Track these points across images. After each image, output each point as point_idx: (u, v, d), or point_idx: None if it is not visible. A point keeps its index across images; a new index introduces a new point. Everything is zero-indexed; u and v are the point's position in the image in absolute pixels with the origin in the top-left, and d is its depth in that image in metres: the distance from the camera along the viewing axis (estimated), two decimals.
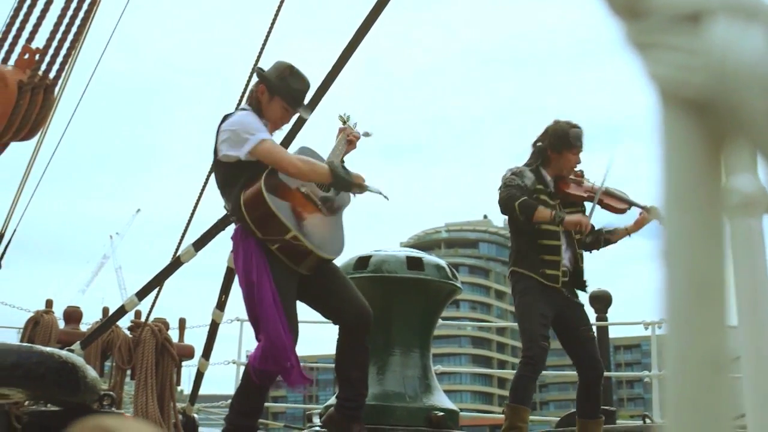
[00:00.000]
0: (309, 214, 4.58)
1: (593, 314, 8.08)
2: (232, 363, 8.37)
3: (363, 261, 5.48)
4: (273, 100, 4.68)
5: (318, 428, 5.07)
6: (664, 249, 0.65)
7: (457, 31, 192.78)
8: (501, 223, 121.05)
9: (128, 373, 5.41)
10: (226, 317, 6.31)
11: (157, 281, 5.15)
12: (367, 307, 4.65)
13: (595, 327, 7.98)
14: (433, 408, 5.27)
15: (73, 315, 5.94)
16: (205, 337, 5.38)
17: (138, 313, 5.59)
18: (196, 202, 5.19)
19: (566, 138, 5.45)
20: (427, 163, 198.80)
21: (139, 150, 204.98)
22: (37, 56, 3.55)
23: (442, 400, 5.43)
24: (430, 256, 5.71)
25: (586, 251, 5.60)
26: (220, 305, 5.26)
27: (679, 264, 0.64)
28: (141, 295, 5.16)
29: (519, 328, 5.36)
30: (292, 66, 4.74)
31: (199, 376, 5.50)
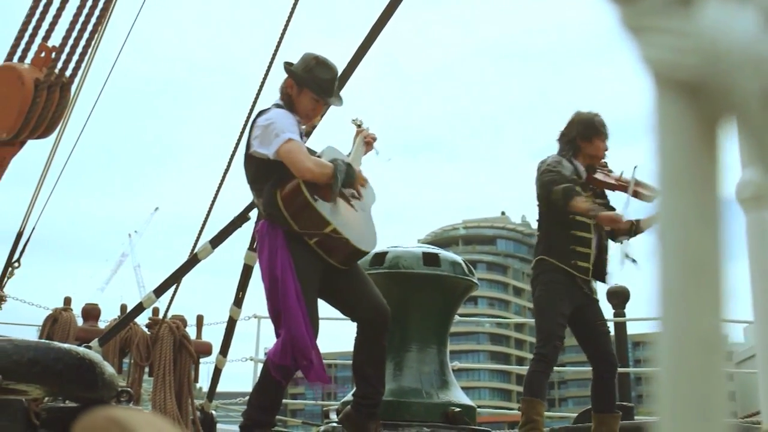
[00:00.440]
0: (344, 210, 4.63)
1: (611, 310, 8.05)
2: (250, 360, 8.38)
3: (379, 257, 5.48)
4: (302, 92, 4.69)
5: (335, 424, 5.08)
6: (659, 230, 0.66)
7: (473, 28, 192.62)
8: (518, 220, 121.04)
9: (146, 370, 5.43)
10: (244, 314, 6.33)
11: (175, 278, 5.17)
12: (386, 305, 4.68)
13: (613, 323, 7.97)
14: (450, 404, 5.27)
15: (91, 312, 5.97)
16: (223, 334, 5.40)
17: (156, 310, 5.60)
18: (213, 200, 5.20)
19: (593, 125, 5.43)
20: (444, 159, 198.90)
21: (155, 148, 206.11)
22: (53, 54, 3.57)
23: (459, 396, 5.42)
24: (446, 252, 5.71)
25: (615, 241, 5.53)
26: (238, 302, 5.27)
27: (673, 245, 0.65)
28: (159, 292, 5.17)
29: (536, 322, 5.32)
30: (318, 56, 4.75)
31: (217, 372, 5.52)
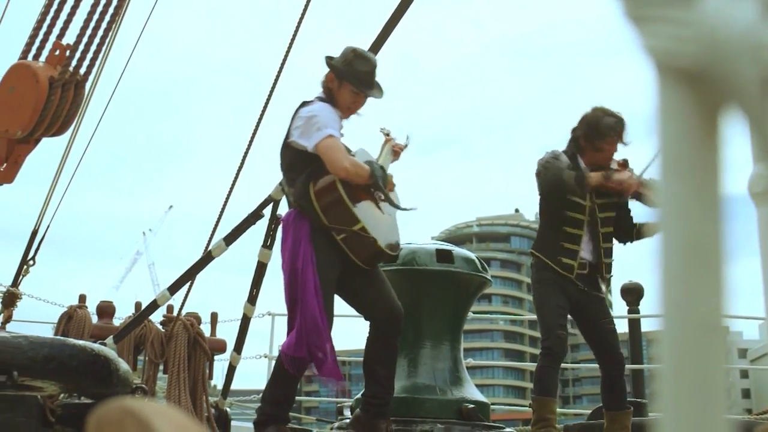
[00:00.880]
0: (373, 211, 4.65)
1: (625, 307, 8.01)
2: (264, 357, 8.40)
3: None
4: (342, 86, 4.71)
5: (348, 421, 5.08)
6: (660, 216, 0.67)
7: (487, 25, 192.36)
8: (532, 217, 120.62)
9: (161, 368, 5.44)
10: (258, 311, 6.33)
11: (189, 276, 5.18)
12: (400, 307, 4.69)
13: (627, 320, 7.94)
14: (464, 400, 5.27)
15: (106, 310, 5.98)
16: (237, 332, 5.40)
17: (170, 308, 5.61)
18: (226, 197, 5.20)
19: (597, 127, 5.23)
20: (458, 156, 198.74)
21: (169, 146, 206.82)
22: (67, 52, 3.58)
23: (472, 392, 5.43)
24: (459, 249, 5.71)
25: (619, 242, 5.47)
26: (252, 299, 5.27)
27: (674, 229, 0.65)
28: (173, 289, 5.18)
29: (537, 318, 5.30)
30: (356, 48, 4.78)
31: (231, 370, 5.52)
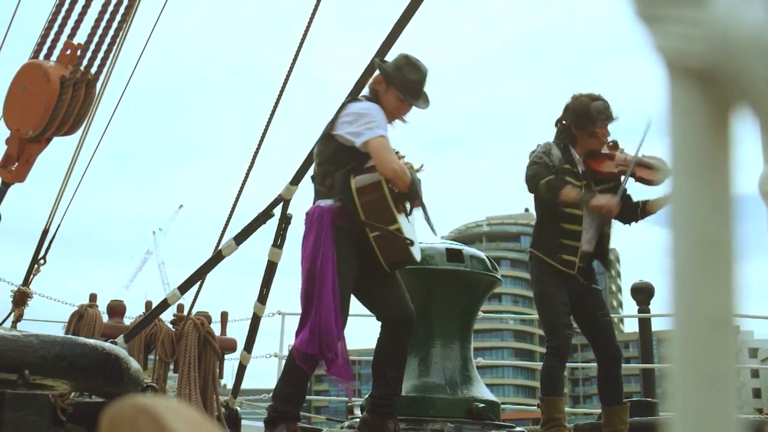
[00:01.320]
0: (403, 216, 4.67)
1: (635, 306, 7.98)
2: (274, 356, 8.41)
3: None
4: (389, 90, 4.72)
5: (359, 420, 5.08)
6: (671, 213, 0.68)
7: (495, 24, 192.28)
8: None
9: (171, 367, 5.45)
10: (268, 311, 6.34)
11: (199, 275, 5.18)
12: (413, 310, 4.70)
13: (638, 319, 7.92)
14: (474, 399, 5.27)
15: (116, 309, 5.99)
16: (247, 331, 5.40)
17: (180, 307, 5.61)
18: (237, 196, 5.20)
19: (587, 113, 5.24)
20: (468, 156, 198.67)
21: (179, 145, 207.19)
22: (78, 52, 3.59)
23: (482, 391, 5.42)
24: (469, 249, 5.71)
25: (624, 224, 5.46)
26: (262, 299, 5.27)
27: (685, 225, 0.66)
28: (183, 288, 5.18)
29: (540, 316, 5.30)
30: (409, 56, 4.78)
31: (242, 369, 5.52)
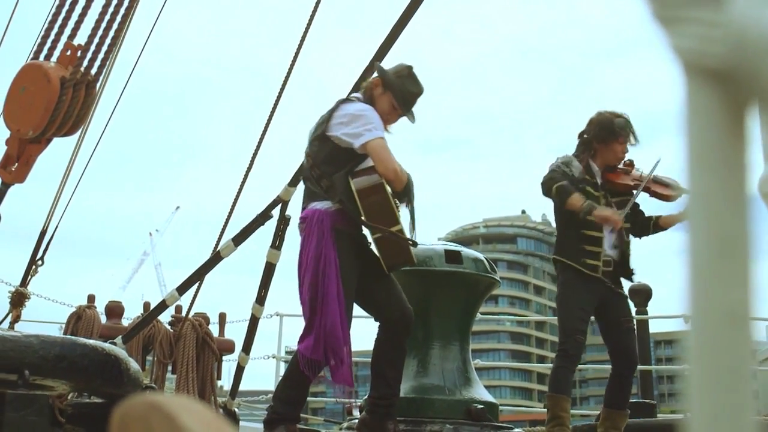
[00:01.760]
0: (400, 218, 4.67)
1: (633, 308, 8.00)
2: (272, 358, 8.42)
3: None
4: (384, 94, 4.73)
5: (357, 421, 5.08)
6: (689, 211, 0.69)
7: (495, 25, 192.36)
8: (539, 219, 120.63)
9: (169, 368, 5.45)
10: (266, 312, 6.33)
11: (198, 276, 5.18)
12: (411, 310, 4.70)
13: (635, 321, 7.94)
14: (473, 401, 5.27)
15: (115, 310, 5.99)
16: (245, 332, 5.40)
17: (179, 308, 5.62)
18: (235, 198, 5.20)
19: (611, 128, 5.38)
20: (465, 157, 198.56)
21: (177, 146, 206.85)
22: (79, 53, 3.59)
23: (481, 393, 5.43)
24: (468, 250, 5.72)
25: (636, 237, 5.54)
26: (260, 300, 5.27)
27: (702, 223, 0.67)
28: (181, 289, 5.18)
29: (558, 319, 5.35)
30: (412, 68, 4.81)
31: (240, 370, 5.52)
